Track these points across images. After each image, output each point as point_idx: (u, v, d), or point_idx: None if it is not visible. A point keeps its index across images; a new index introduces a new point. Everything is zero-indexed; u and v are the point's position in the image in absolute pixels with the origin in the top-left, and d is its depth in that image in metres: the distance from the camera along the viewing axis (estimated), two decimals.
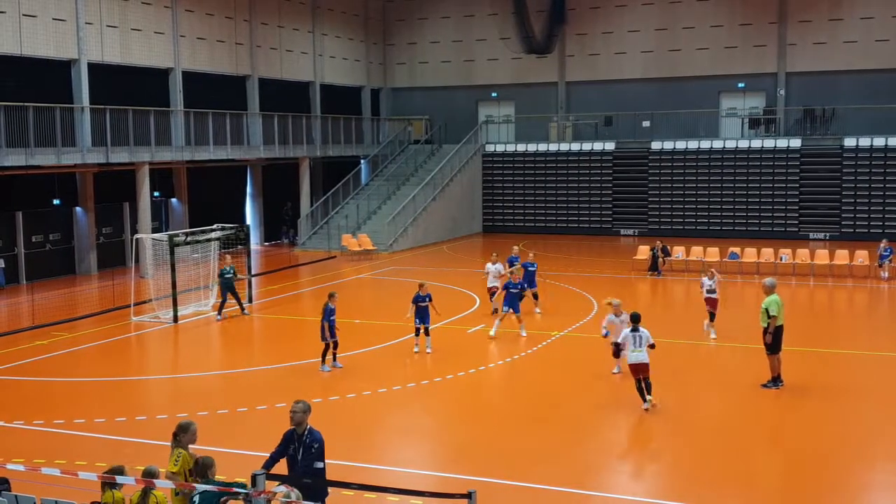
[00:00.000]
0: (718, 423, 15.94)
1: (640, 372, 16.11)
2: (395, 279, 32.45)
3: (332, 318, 19.41)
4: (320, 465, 10.12)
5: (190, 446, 10.30)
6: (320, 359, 19.55)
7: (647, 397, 16.06)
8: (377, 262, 36.69)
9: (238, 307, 25.88)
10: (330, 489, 10.41)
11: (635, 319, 16.31)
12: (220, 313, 25.35)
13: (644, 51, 47.33)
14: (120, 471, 9.76)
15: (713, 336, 21.90)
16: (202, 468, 9.58)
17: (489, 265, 25.38)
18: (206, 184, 39.98)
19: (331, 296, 19.77)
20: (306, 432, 10.19)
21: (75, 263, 34.55)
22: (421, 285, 21.06)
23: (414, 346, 21.04)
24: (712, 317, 22.29)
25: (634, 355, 16.08)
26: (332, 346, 19.58)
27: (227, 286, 25.33)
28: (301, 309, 28.23)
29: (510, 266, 25.55)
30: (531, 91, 49.58)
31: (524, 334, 22.40)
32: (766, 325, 17.44)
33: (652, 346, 16.09)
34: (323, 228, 42.20)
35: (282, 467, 10.32)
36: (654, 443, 15.17)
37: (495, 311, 23.93)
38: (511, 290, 22.54)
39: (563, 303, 27.18)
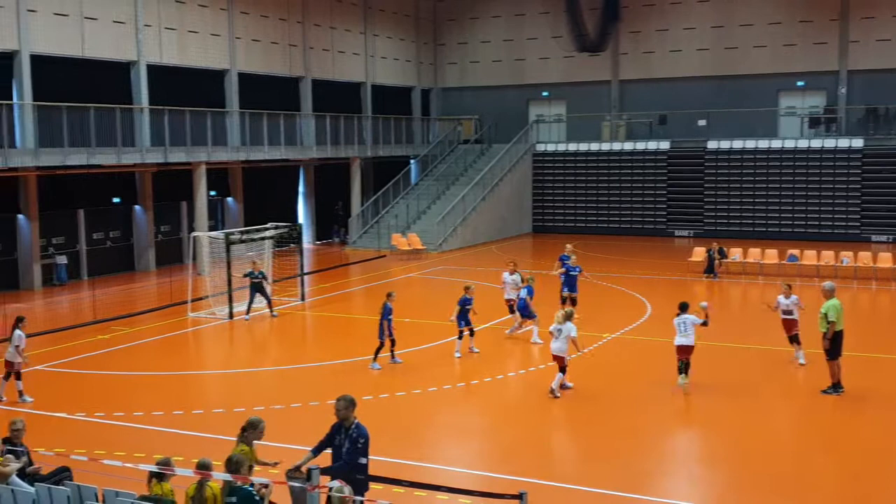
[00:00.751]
0: (775, 429, 15.74)
1: (684, 353, 17.51)
2: (444, 279, 32.57)
3: (389, 317, 19.64)
4: (364, 460, 10.19)
5: (254, 443, 10.51)
6: (373, 356, 19.71)
7: (684, 376, 17.40)
8: (426, 262, 36.84)
9: (268, 308, 25.95)
10: (381, 485, 10.53)
11: (683, 308, 17.69)
12: (247, 313, 25.62)
13: (700, 48, 46.87)
14: (167, 463, 9.97)
15: (801, 362, 19.45)
16: (235, 465, 9.57)
17: (506, 275, 23.61)
18: (261, 183, 40.50)
19: (389, 295, 20.03)
20: (353, 427, 10.29)
21: (134, 260, 35.23)
22: (467, 288, 20.95)
23: (455, 352, 20.82)
24: (794, 340, 19.62)
25: (680, 339, 17.48)
26: (389, 344, 19.81)
27: (256, 288, 25.61)
28: (351, 307, 28.48)
29: (562, 264, 25.30)
30: (583, 90, 49.36)
31: (539, 341, 21.57)
32: (825, 330, 17.16)
33: (705, 324, 17.61)
34: (373, 228, 42.46)
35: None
36: (708, 448, 15.07)
37: (519, 325, 22.77)
38: (570, 273, 24.07)
39: (616, 305, 27.05)
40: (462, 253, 39.43)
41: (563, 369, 17.47)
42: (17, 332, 17.40)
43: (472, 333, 20.85)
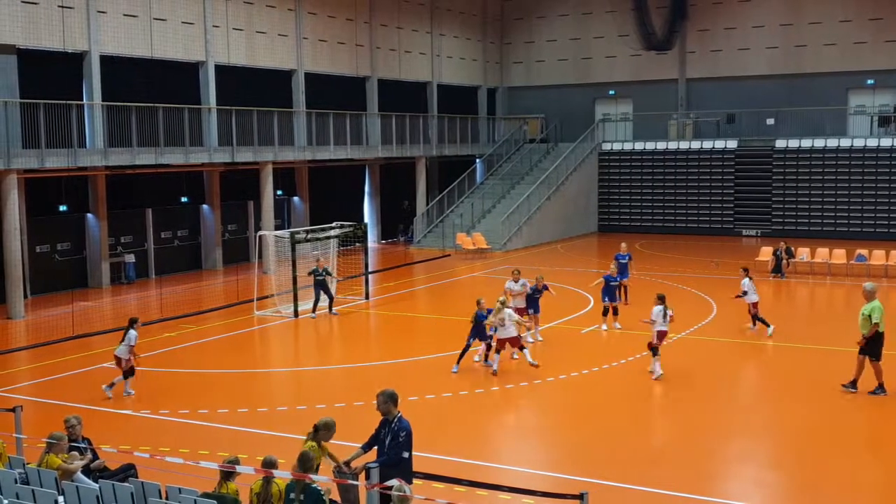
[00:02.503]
0: (836, 430, 15.44)
1: (662, 338, 18.99)
2: (508, 278, 32.37)
3: (483, 321, 19.30)
4: (406, 454, 10.20)
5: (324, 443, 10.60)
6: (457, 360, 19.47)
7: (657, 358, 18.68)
8: (491, 261, 36.77)
9: (327, 307, 26.10)
10: (442, 485, 10.52)
11: (661, 299, 19.10)
12: (314, 311, 25.80)
13: (769, 47, 46.12)
14: (236, 461, 10.07)
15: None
16: (307, 461, 9.67)
17: (510, 283, 22.40)
18: (327, 182, 40.79)
19: (478, 303, 19.76)
20: (395, 420, 10.31)
21: (202, 259, 35.74)
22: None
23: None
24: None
25: (662, 327, 18.89)
26: (485, 347, 19.62)
27: (320, 285, 25.78)
28: (415, 306, 28.54)
29: (617, 263, 25.39)
30: (650, 88, 48.87)
31: (530, 361, 19.26)
32: (865, 331, 16.99)
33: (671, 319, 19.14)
34: (438, 227, 42.52)
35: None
36: (770, 450, 14.78)
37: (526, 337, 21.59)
38: (610, 284, 23.50)
39: (682, 305, 26.66)
40: (527, 252, 39.29)
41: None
42: (133, 332, 17.94)
43: (488, 347, 19.69)
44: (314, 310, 25.73)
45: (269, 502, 9.61)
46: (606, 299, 23.43)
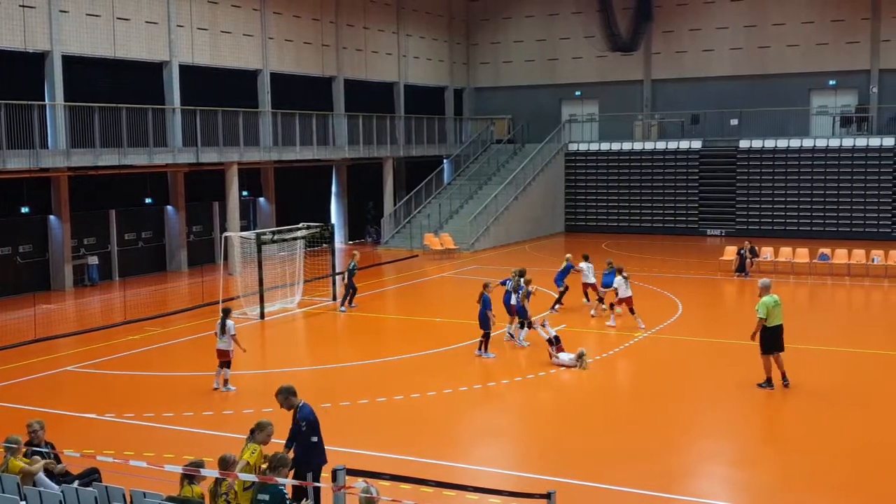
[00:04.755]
0: (808, 428, 15.60)
1: (630, 303, 23.04)
2: (476, 278, 32.45)
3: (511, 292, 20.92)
4: (314, 438, 10.92)
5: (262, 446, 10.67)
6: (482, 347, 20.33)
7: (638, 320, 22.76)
8: (459, 262, 36.80)
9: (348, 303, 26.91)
10: (409, 486, 10.51)
11: (619, 270, 23.20)
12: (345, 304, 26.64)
13: (732, 48, 46.52)
14: (200, 464, 10.02)
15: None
16: (278, 463, 9.69)
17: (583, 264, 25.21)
18: (293, 183, 40.62)
19: (486, 286, 20.62)
20: (297, 410, 11.08)
21: (166, 260, 35.44)
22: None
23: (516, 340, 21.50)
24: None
25: (626, 293, 22.95)
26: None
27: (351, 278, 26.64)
28: (384, 307, 28.48)
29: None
30: (615, 89, 49.14)
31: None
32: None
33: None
34: (405, 227, 42.48)
35: (366, 464, 10.43)
36: (742, 448, 14.89)
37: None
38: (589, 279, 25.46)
39: (648, 303, 26.84)
40: (495, 252, 39.35)
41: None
42: (230, 321, 18.00)
43: (524, 326, 21.36)
44: (349, 302, 26.65)
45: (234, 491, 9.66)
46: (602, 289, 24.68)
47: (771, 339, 17.61)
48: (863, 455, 14.20)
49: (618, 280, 23.04)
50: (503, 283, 22.75)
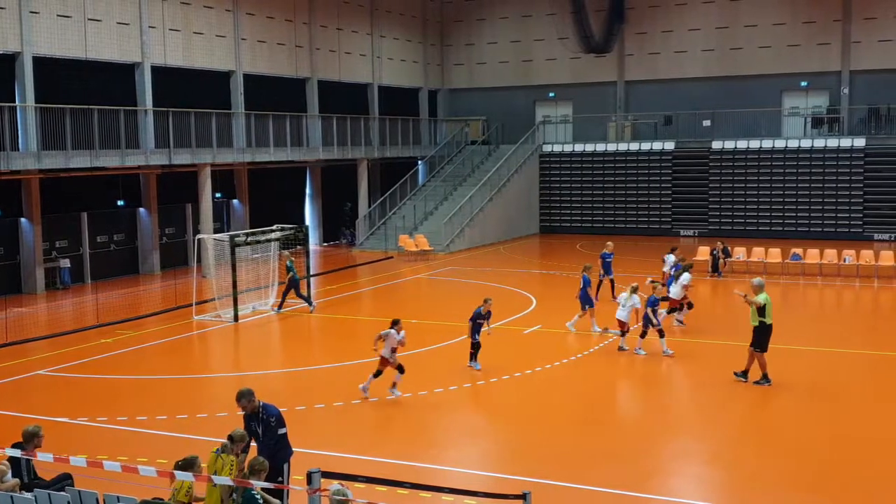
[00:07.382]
0: (781, 425, 15.72)
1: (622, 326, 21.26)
2: (452, 280, 32.52)
3: (479, 320, 19.41)
4: (283, 430, 11.25)
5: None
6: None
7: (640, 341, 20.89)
8: (434, 263, 36.78)
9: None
10: (385, 487, 10.50)
11: (634, 290, 21.21)
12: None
13: (705, 49, 46.83)
14: (193, 461, 10.04)
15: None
16: (259, 467, 9.71)
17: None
18: (267, 185, 40.47)
19: (486, 301, 19.70)
20: (261, 409, 11.24)
21: (139, 263, 35.18)
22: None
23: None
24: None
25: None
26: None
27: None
28: (359, 309, 28.43)
29: (602, 261, 27.17)
30: (589, 91, 49.32)
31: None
32: (755, 323, 17.87)
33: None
34: (380, 229, 42.43)
35: (340, 466, 10.41)
36: (714, 446, 14.97)
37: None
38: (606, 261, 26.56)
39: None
40: (469, 254, 39.37)
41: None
42: (402, 332, 17.43)
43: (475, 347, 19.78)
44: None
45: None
46: (587, 306, 22.91)
47: (768, 337, 17.80)
48: (834, 451, 14.34)
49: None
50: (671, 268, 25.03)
